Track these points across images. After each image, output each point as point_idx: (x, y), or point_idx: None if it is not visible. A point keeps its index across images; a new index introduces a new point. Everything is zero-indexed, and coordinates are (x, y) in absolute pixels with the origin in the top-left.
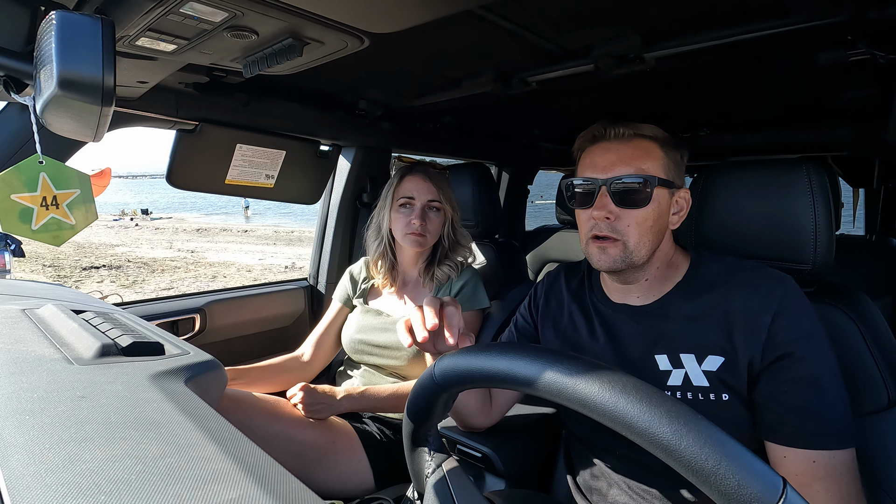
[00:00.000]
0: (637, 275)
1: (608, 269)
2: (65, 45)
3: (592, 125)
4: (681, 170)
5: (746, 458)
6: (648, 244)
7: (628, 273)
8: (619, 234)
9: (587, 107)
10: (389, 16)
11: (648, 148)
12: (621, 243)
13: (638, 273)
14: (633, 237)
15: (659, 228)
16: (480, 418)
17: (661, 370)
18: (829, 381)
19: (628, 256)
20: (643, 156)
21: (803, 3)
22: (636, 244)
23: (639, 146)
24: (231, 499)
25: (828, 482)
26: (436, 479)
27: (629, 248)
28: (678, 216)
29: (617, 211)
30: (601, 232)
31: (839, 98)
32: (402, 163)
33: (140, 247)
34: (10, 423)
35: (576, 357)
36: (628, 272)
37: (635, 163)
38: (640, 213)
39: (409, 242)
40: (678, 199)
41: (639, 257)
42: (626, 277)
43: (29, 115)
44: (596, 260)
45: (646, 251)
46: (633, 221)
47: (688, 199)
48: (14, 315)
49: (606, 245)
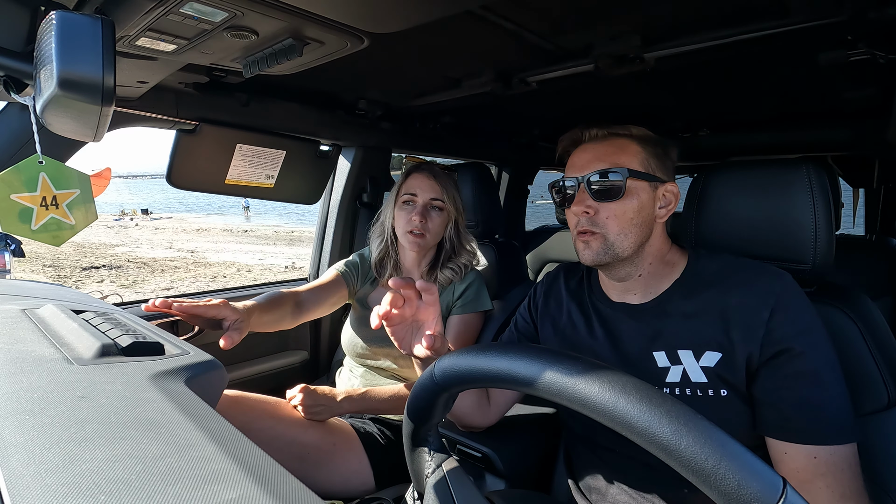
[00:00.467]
0: (628, 269)
1: (593, 263)
2: (65, 45)
3: (570, 131)
4: (664, 164)
5: (746, 457)
6: (632, 236)
7: (618, 267)
8: (599, 227)
9: (587, 107)
10: (389, 16)
11: (623, 144)
12: (601, 236)
13: (629, 268)
14: (613, 229)
15: (642, 221)
16: (477, 418)
17: (660, 367)
18: (828, 376)
19: (610, 248)
20: (617, 152)
21: (803, 3)
22: (617, 236)
23: (613, 143)
24: (231, 499)
25: (829, 478)
26: (436, 479)
27: (609, 241)
28: (666, 210)
29: (595, 205)
30: (583, 227)
31: (839, 98)
32: (410, 161)
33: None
34: (10, 423)
35: (576, 357)
36: (617, 266)
37: (609, 158)
38: (617, 205)
39: (408, 242)
40: (664, 193)
41: (622, 249)
42: (618, 273)
43: (29, 115)
44: (581, 254)
45: (629, 244)
46: (612, 214)
47: (675, 192)
48: (14, 315)
49: (588, 239)
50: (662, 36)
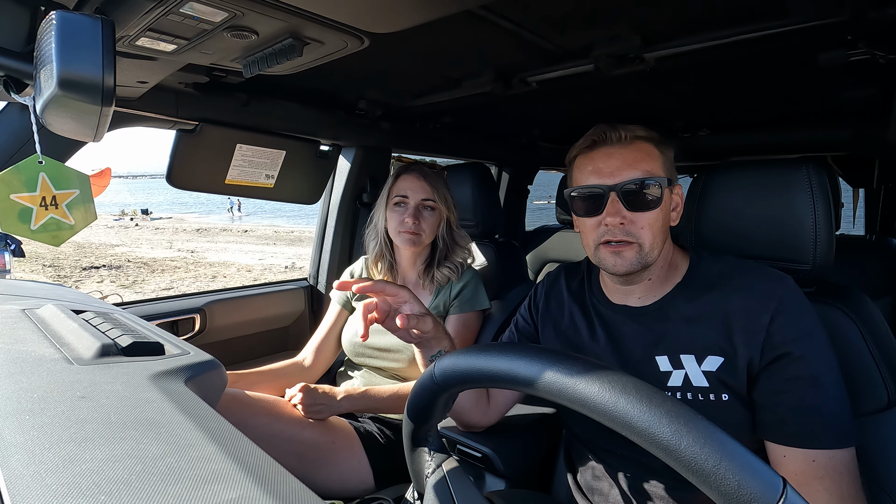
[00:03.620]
0: (643, 274)
1: (626, 273)
2: (65, 45)
3: (590, 130)
4: (674, 167)
5: (746, 458)
6: (660, 243)
7: (641, 273)
8: (635, 237)
9: (587, 107)
10: (389, 16)
11: (648, 150)
12: (636, 245)
13: (644, 272)
14: (648, 238)
15: (665, 226)
16: (477, 417)
17: (662, 371)
18: (828, 380)
19: (644, 258)
20: (646, 158)
21: (803, 4)
22: (651, 245)
23: (640, 148)
24: (231, 499)
25: (828, 481)
26: (436, 479)
27: (644, 250)
28: (676, 212)
29: (630, 215)
30: (615, 237)
31: (839, 98)
32: (400, 162)
33: (140, 247)
34: (10, 423)
35: (576, 357)
36: (641, 272)
37: (641, 165)
38: (652, 214)
39: (403, 241)
40: (674, 196)
41: (652, 257)
42: (633, 278)
43: (29, 115)
44: (611, 265)
45: (658, 250)
46: (646, 223)
47: (682, 195)
48: (14, 315)
49: (622, 249)
50: (662, 36)
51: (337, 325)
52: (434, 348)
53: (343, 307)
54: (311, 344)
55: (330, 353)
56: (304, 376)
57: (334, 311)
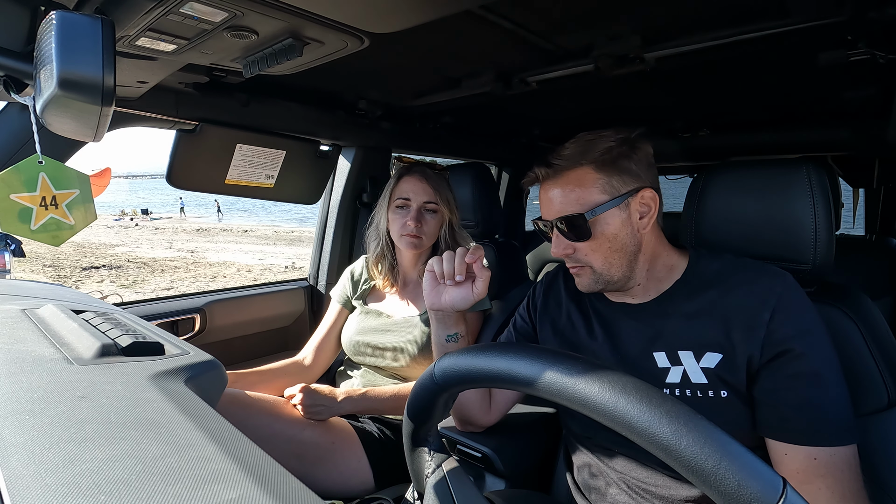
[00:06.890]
0: (625, 283)
1: (588, 291)
2: (65, 45)
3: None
4: (632, 171)
5: (746, 457)
6: (617, 262)
7: (615, 286)
8: (583, 262)
9: (587, 107)
10: (389, 16)
11: (581, 176)
12: (588, 269)
13: (625, 283)
14: (598, 262)
15: (623, 244)
16: (478, 417)
17: (660, 367)
18: (829, 377)
19: (600, 278)
20: (578, 187)
21: (803, 4)
22: (603, 266)
23: (570, 179)
24: (231, 499)
25: (829, 479)
26: (436, 479)
27: (598, 271)
28: (648, 218)
29: (574, 244)
30: (569, 263)
31: (839, 98)
32: (401, 163)
33: (140, 247)
34: (10, 423)
35: (575, 357)
36: (614, 286)
37: (568, 198)
38: (590, 243)
39: (405, 244)
40: (641, 202)
41: (613, 276)
42: (616, 288)
43: (29, 115)
44: (577, 285)
45: (617, 268)
46: (589, 250)
47: (653, 196)
48: (14, 315)
49: (577, 272)
50: (662, 36)
51: (337, 324)
52: (452, 329)
53: (343, 306)
54: (311, 343)
55: (330, 353)
56: (303, 376)
57: (334, 310)
